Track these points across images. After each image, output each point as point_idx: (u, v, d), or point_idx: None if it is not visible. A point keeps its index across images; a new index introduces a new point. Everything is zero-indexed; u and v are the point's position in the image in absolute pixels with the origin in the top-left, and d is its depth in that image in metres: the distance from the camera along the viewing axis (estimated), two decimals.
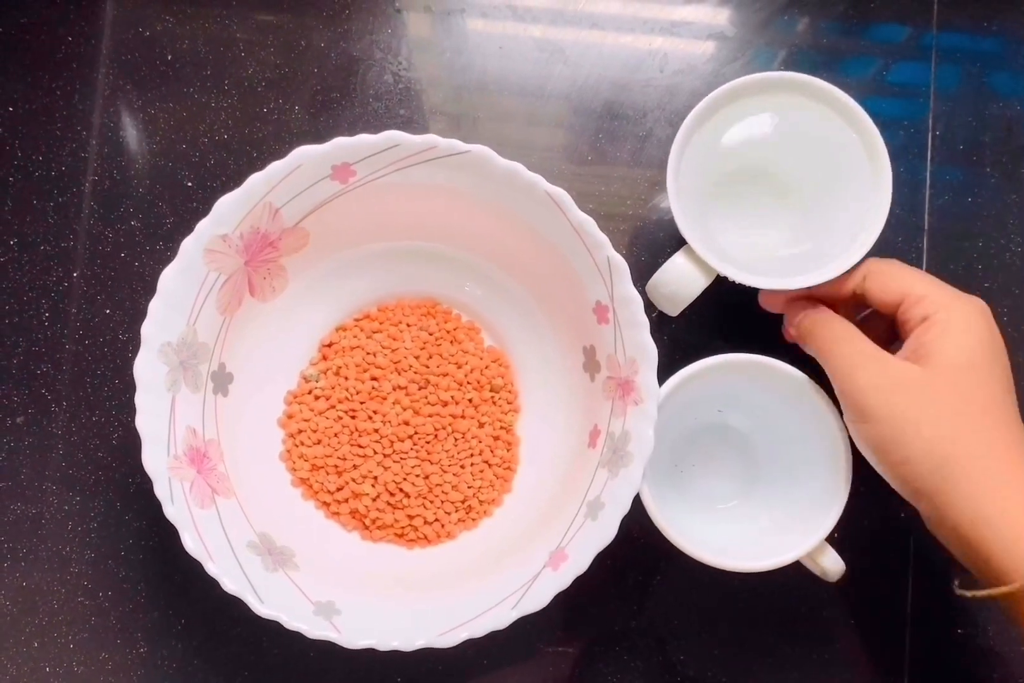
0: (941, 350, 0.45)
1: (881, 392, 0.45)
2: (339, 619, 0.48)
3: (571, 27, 0.61)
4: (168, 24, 0.60)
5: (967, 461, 0.43)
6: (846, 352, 0.47)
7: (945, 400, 0.44)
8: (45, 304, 0.57)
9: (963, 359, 0.45)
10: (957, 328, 0.45)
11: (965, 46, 0.61)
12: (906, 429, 0.44)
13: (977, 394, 0.44)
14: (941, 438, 0.44)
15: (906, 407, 0.44)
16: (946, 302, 0.46)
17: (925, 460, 0.44)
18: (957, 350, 0.45)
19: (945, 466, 0.44)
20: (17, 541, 0.55)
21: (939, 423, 0.44)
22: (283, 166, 0.49)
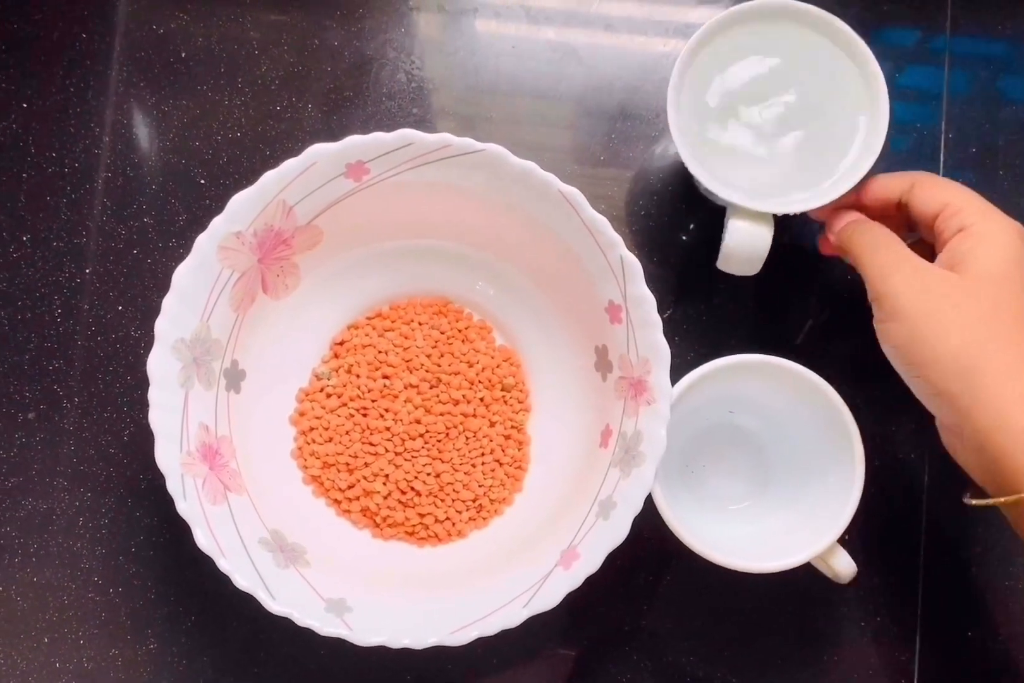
0: (976, 259, 0.45)
1: (914, 292, 0.45)
2: (350, 616, 0.48)
3: (584, 28, 0.61)
4: (182, 22, 0.60)
5: (994, 368, 0.43)
6: (883, 256, 0.47)
7: (978, 306, 0.44)
8: (57, 300, 0.57)
9: (998, 270, 0.45)
10: (994, 240, 0.45)
11: (978, 50, 0.61)
12: (937, 330, 0.44)
13: (1010, 304, 0.44)
14: (971, 343, 0.44)
15: (937, 308, 0.45)
16: (985, 214, 0.46)
17: (952, 363, 0.44)
18: (992, 261, 0.45)
19: (972, 371, 0.43)
20: (28, 537, 0.55)
21: (970, 328, 0.44)
22: (297, 164, 0.49)
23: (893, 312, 0.46)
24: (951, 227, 0.47)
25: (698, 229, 0.59)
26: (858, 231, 0.50)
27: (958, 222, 0.47)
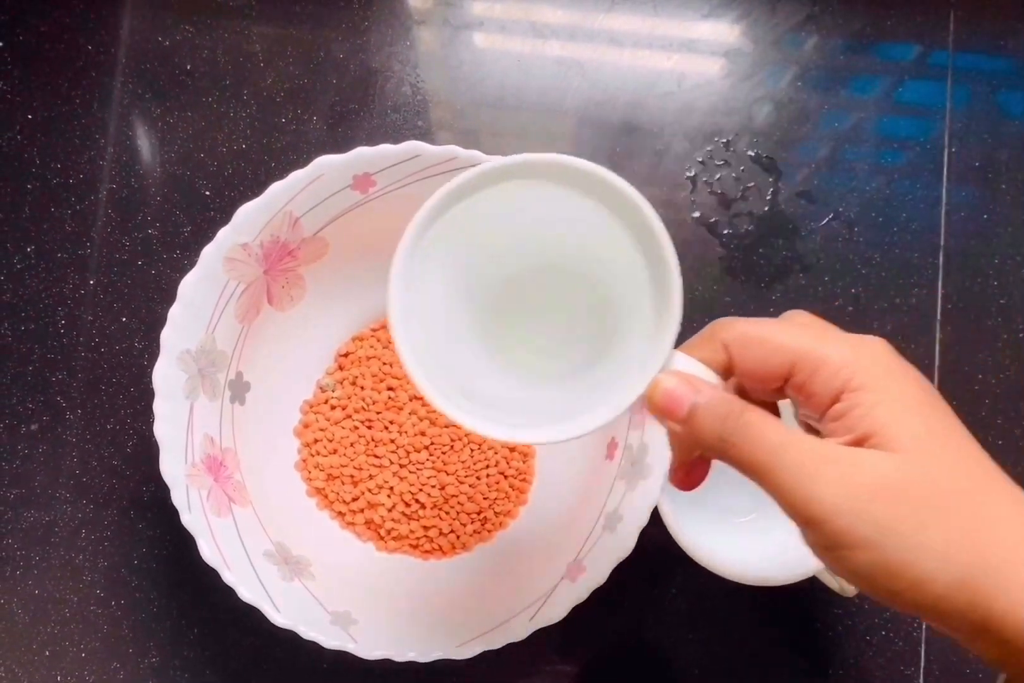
0: (897, 424, 0.31)
1: (857, 504, 0.30)
2: (356, 629, 0.48)
3: (589, 42, 0.61)
4: (187, 34, 0.60)
5: (1002, 555, 0.30)
6: (790, 465, 0.31)
7: (939, 488, 0.31)
8: (61, 311, 0.57)
9: (925, 426, 0.32)
10: (890, 388, 0.32)
11: (980, 65, 0.62)
12: (907, 545, 0.30)
13: (965, 463, 0.32)
14: (956, 541, 0.30)
15: (895, 515, 0.30)
16: (853, 358, 0.33)
17: (941, 576, 0.30)
18: (912, 416, 0.32)
19: (975, 573, 0.30)
20: (30, 549, 0.55)
21: (947, 521, 0.30)
22: (304, 175, 0.49)
23: (838, 540, 0.31)
24: (825, 389, 0.33)
25: (702, 241, 0.59)
26: (738, 429, 0.33)
27: (830, 381, 0.33)
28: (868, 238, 0.59)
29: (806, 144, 0.61)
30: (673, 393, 0.34)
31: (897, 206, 0.60)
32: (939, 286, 0.59)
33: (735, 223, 0.59)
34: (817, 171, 0.60)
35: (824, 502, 0.30)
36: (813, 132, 0.61)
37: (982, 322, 0.59)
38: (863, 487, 0.30)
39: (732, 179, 0.60)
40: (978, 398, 0.58)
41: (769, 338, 0.33)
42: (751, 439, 0.32)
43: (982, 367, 0.58)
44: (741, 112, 0.61)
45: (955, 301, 0.59)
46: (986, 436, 0.58)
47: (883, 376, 0.32)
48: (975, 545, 0.30)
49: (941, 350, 0.58)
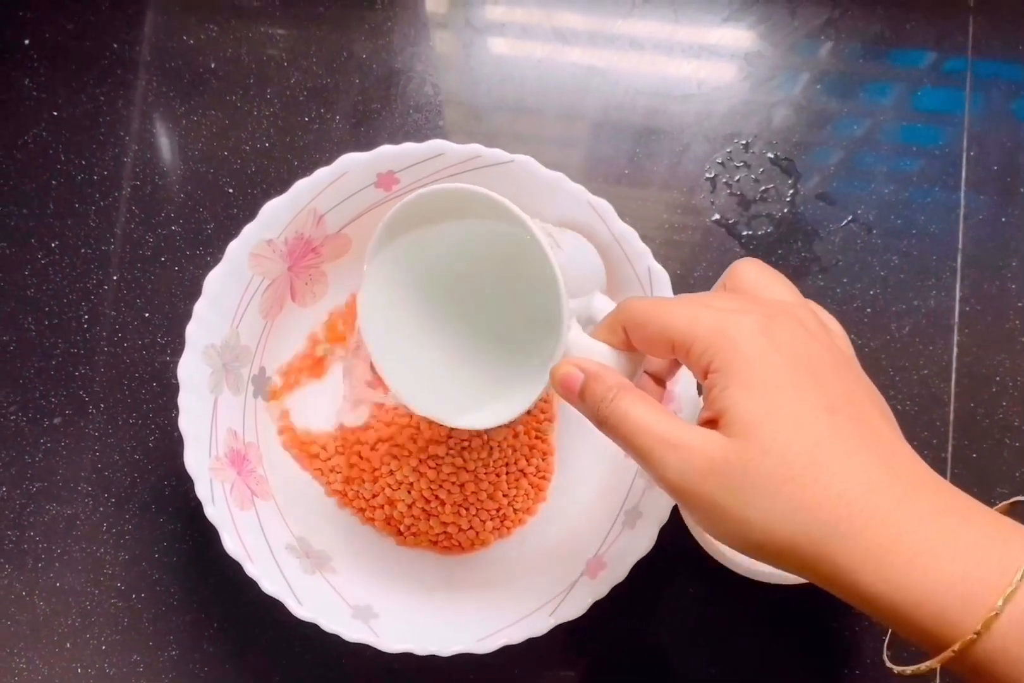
0: (738, 406, 0.34)
1: (690, 486, 0.34)
2: (377, 623, 0.48)
3: (609, 44, 0.62)
4: (211, 33, 0.61)
5: (829, 528, 0.32)
6: (644, 445, 0.35)
7: (763, 469, 0.33)
8: (85, 307, 0.57)
9: (764, 408, 0.33)
10: (740, 371, 0.34)
11: (999, 71, 0.62)
12: (733, 519, 0.34)
13: (801, 442, 0.33)
14: (777, 517, 0.33)
15: (721, 494, 0.33)
16: (715, 340, 0.35)
17: (767, 546, 0.33)
18: (754, 399, 0.34)
19: (797, 544, 0.32)
20: (51, 542, 0.55)
21: (768, 499, 0.33)
22: (329, 172, 0.50)
23: (683, 506, 0.37)
24: (696, 367, 0.36)
25: (722, 243, 0.59)
26: (612, 411, 0.37)
27: (697, 360, 0.36)
28: (886, 241, 0.60)
29: (824, 147, 0.61)
30: (565, 378, 0.39)
31: (915, 209, 0.60)
32: (957, 289, 0.59)
33: (754, 224, 0.59)
34: (835, 174, 0.61)
35: (668, 483, 0.35)
36: (831, 136, 0.61)
37: (1000, 325, 0.59)
38: (695, 471, 0.34)
39: (751, 181, 0.60)
40: (996, 400, 0.58)
41: (652, 320, 0.37)
42: (618, 420, 0.36)
43: (1000, 369, 0.59)
44: (760, 114, 0.61)
45: (973, 304, 0.59)
46: (1003, 437, 0.58)
47: (737, 359, 0.34)
48: (795, 518, 0.32)
49: (959, 352, 0.59)
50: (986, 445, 0.58)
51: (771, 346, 0.34)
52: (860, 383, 0.36)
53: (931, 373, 0.58)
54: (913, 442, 0.55)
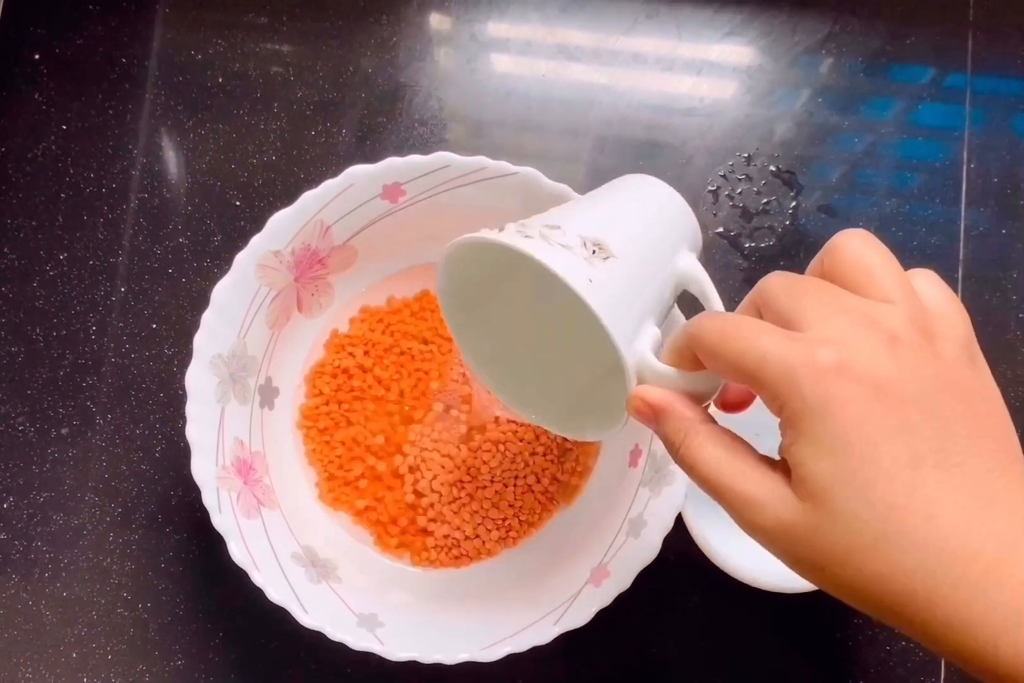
0: (802, 468, 0.30)
1: (763, 540, 0.32)
2: (382, 631, 0.48)
3: (612, 60, 0.62)
4: (219, 48, 0.61)
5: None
6: (716, 493, 0.33)
7: (834, 538, 0.30)
8: (92, 318, 0.58)
9: (833, 471, 0.30)
10: (807, 428, 0.30)
11: (999, 87, 0.63)
12: (803, 573, 0.32)
13: (871, 510, 0.29)
14: (855, 581, 0.30)
15: (793, 554, 0.31)
16: (782, 388, 0.30)
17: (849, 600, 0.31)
18: (823, 460, 0.30)
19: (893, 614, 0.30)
20: (58, 551, 0.56)
21: (843, 567, 0.30)
22: (336, 185, 0.50)
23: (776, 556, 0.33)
24: (770, 406, 0.32)
25: (725, 256, 0.60)
26: (690, 449, 0.34)
27: (769, 400, 0.32)
28: None
29: (825, 161, 0.62)
30: (638, 415, 0.36)
31: (916, 223, 0.61)
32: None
33: (756, 236, 0.60)
34: (837, 188, 0.61)
35: (744, 530, 0.32)
36: (832, 150, 0.62)
37: (1001, 336, 0.59)
38: (764, 530, 0.31)
39: (753, 193, 0.61)
40: None
41: (719, 353, 0.32)
42: (690, 465, 0.34)
43: (1001, 380, 0.58)
44: (761, 128, 0.62)
45: (974, 315, 0.58)
46: None
47: (805, 412, 0.30)
48: (868, 589, 0.30)
49: None
50: None
51: (845, 393, 0.29)
52: (960, 406, 0.31)
53: None
54: None
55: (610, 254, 0.37)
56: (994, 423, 0.32)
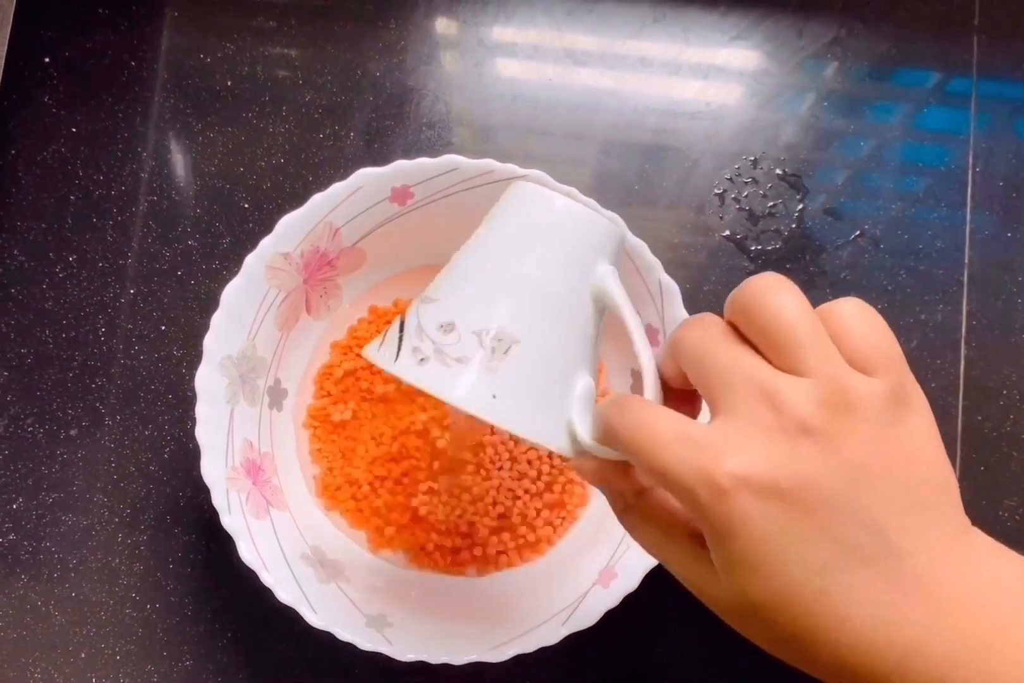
0: (727, 582, 0.31)
1: (723, 615, 0.34)
2: (391, 632, 0.49)
3: (619, 64, 0.62)
4: (228, 51, 0.62)
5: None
6: (666, 566, 0.35)
7: (761, 629, 0.32)
8: (101, 319, 0.58)
9: (748, 588, 0.30)
10: (723, 546, 0.30)
11: (1004, 91, 0.63)
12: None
13: (786, 621, 0.30)
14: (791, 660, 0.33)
15: (750, 634, 0.34)
16: (693, 502, 0.29)
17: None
18: (736, 577, 0.30)
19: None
20: (67, 552, 0.56)
21: (782, 649, 0.33)
22: (345, 187, 0.51)
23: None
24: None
25: (731, 258, 0.60)
26: (629, 523, 0.36)
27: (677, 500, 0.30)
28: (894, 256, 0.60)
29: (831, 165, 0.62)
30: (583, 477, 0.36)
31: (922, 226, 0.61)
32: (964, 303, 0.60)
33: (763, 239, 0.60)
34: (843, 191, 0.61)
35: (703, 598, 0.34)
36: (838, 154, 0.62)
37: (1007, 338, 0.60)
38: (708, 604, 0.33)
39: (759, 196, 0.61)
40: (1003, 413, 0.59)
41: (633, 455, 0.31)
42: (631, 531, 0.35)
43: (1007, 383, 0.59)
44: (767, 132, 0.62)
45: (979, 318, 0.60)
46: (1011, 450, 0.58)
47: (710, 531, 0.30)
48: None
49: (966, 366, 0.59)
50: (994, 458, 0.58)
51: (747, 510, 0.28)
52: (880, 484, 0.29)
53: (939, 387, 0.59)
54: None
55: (513, 340, 0.35)
56: (928, 482, 0.30)
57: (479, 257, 0.39)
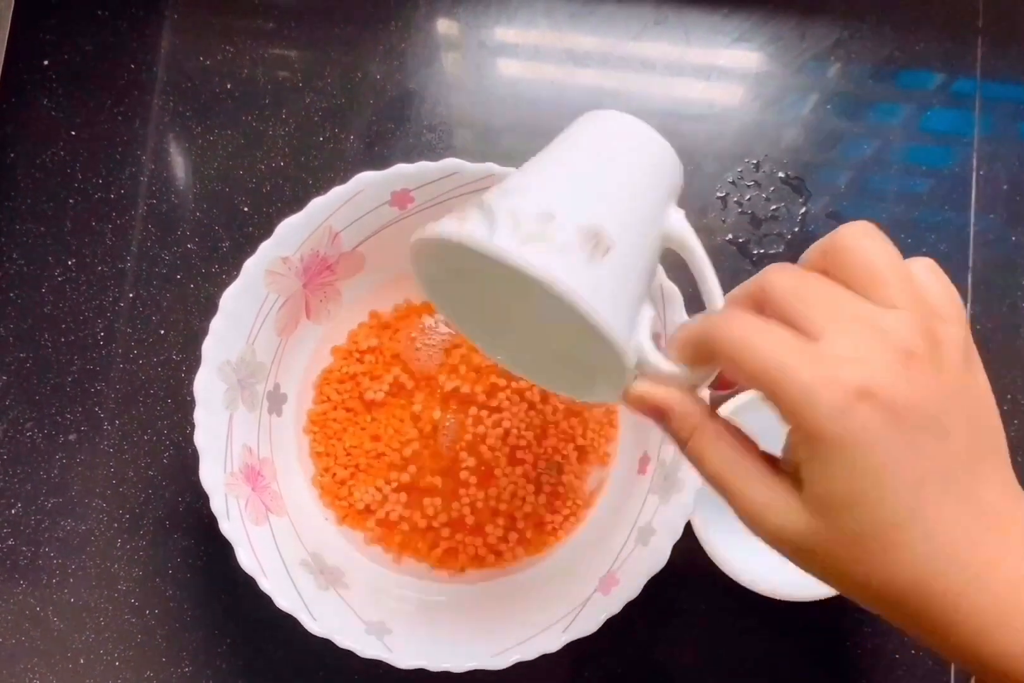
0: (814, 486, 0.31)
1: (769, 542, 0.33)
2: (390, 639, 0.48)
3: (621, 65, 0.62)
4: (227, 54, 0.61)
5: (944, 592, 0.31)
6: (723, 494, 0.34)
7: (839, 552, 0.31)
8: (100, 324, 0.58)
9: (841, 492, 0.30)
10: (822, 448, 0.30)
11: (1008, 93, 0.63)
12: (813, 573, 0.33)
13: (877, 529, 0.31)
14: (858, 588, 0.32)
15: (798, 559, 0.33)
16: (799, 408, 0.30)
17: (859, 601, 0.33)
18: (831, 482, 0.30)
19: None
20: (66, 557, 0.56)
21: (850, 577, 0.32)
22: (345, 191, 0.50)
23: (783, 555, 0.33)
24: (779, 414, 0.31)
25: (733, 261, 0.60)
26: (702, 441, 0.34)
27: (781, 413, 0.31)
28: None
29: (834, 168, 0.61)
30: (639, 411, 0.35)
31: (925, 229, 0.61)
32: (968, 307, 0.59)
33: (765, 243, 0.60)
34: (845, 194, 0.61)
35: (762, 533, 0.32)
36: (841, 156, 0.62)
37: (1011, 342, 0.59)
38: (769, 536, 0.32)
39: (762, 200, 0.60)
40: (1007, 418, 0.58)
41: (741, 363, 0.31)
42: (696, 464, 0.34)
43: (1011, 387, 0.59)
44: (770, 134, 0.61)
45: (983, 322, 0.59)
46: (1015, 456, 0.57)
47: (821, 434, 0.30)
48: (870, 595, 0.32)
49: None
50: None
51: (863, 419, 0.29)
52: (961, 421, 0.31)
53: None
54: None
55: (609, 244, 0.34)
56: (989, 429, 0.33)
57: (575, 159, 0.37)
